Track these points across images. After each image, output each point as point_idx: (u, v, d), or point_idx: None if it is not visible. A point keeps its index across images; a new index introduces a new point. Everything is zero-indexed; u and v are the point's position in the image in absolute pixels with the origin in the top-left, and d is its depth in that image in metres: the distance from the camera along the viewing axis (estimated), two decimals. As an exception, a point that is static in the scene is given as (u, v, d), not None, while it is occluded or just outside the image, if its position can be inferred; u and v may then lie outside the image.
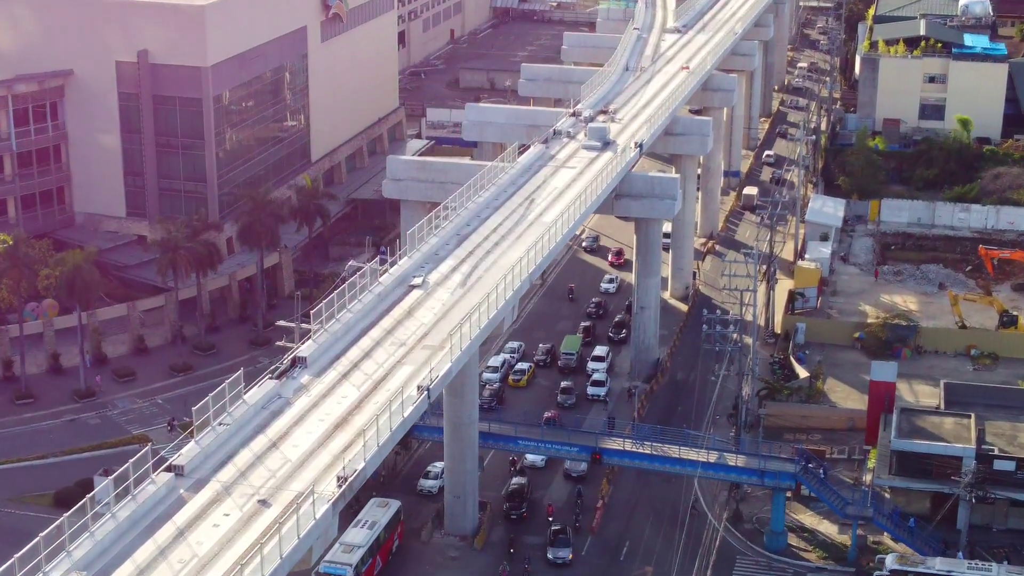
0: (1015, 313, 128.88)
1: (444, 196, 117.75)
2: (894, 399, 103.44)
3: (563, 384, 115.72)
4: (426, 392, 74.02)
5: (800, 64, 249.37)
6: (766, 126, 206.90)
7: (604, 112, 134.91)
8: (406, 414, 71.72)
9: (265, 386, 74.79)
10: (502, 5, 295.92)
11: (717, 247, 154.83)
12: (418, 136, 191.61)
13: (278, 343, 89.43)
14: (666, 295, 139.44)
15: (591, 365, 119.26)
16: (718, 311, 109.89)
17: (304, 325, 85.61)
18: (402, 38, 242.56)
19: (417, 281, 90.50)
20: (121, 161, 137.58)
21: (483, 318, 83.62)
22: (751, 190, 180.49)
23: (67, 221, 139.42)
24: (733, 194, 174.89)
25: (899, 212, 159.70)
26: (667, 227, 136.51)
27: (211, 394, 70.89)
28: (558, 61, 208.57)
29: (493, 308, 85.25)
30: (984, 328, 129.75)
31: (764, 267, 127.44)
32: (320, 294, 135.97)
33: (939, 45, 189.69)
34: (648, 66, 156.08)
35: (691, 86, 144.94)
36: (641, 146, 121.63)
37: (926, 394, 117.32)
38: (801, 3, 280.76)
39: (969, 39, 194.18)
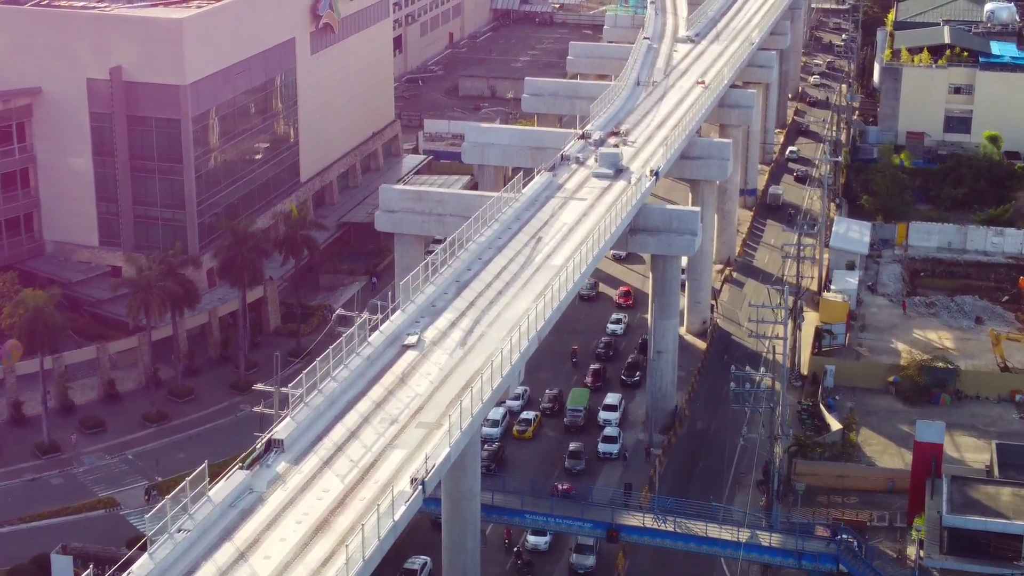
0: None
1: (442, 230, 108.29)
2: (941, 463, 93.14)
3: (571, 447, 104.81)
4: (420, 486, 63.79)
5: (816, 62, 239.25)
6: (781, 137, 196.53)
7: (615, 134, 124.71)
8: (397, 516, 61.52)
9: (234, 479, 64.50)
10: (502, 7, 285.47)
11: (735, 274, 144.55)
12: (415, 151, 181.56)
13: (254, 409, 79.63)
14: (682, 330, 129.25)
15: (603, 415, 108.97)
16: (746, 367, 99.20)
17: (284, 390, 75.55)
18: (398, 43, 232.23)
19: (411, 340, 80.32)
20: (93, 186, 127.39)
21: (486, 388, 73.39)
22: (776, 188, 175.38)
23: (36, 250, 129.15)
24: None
25: (928, 236, 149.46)
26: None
27: (168, 496, 60.62)
28: (562, 67, 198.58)
29: (497, 375, 75.06)
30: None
31: (790, 300, 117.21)
32: (308, 330, 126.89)
33: (964, 54, 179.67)
34: (661, 80, 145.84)
35: (708, 103, 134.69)
36: (657, 174, 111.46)
37: (970, 448, 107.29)
38: (813, 5, 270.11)
39: (996, 47, 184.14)
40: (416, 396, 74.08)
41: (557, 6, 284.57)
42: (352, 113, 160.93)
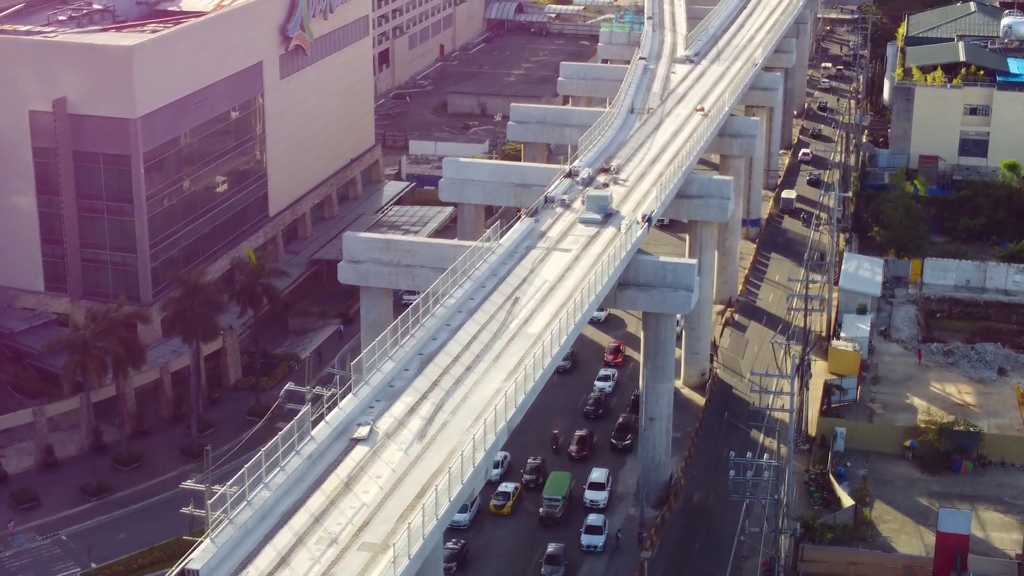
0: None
1: (411, 282, 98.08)
2: (967, 556, 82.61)
3: (549, 550, 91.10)
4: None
5: (825, 65, 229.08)
6: (787, 159, 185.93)
7: (605, 170, 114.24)
8: None
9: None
10: (497, 17, 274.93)
11: (736, 316, 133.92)
12: (397, 176, 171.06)
13: (182, 510, 69.28)
14: (679, 383, 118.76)
15: (588, 495, 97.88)
16: (746, 453, 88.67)
17: (216, 487, 65.05)
18: (385, 57, 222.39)
19: (361, 432, 69.85)
20: (38, 227, 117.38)
21: (442, 500, 62.88)
22: (789, 193, 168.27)
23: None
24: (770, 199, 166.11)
25: (945, 273, 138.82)
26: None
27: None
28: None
29: (458, 481, 64.57)
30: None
31: (794, 348, 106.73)
32: (270, 383, 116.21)
33: (980, 72, 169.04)
34: (657, 106, 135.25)
35: (708, 134, 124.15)
36: (650, 220, 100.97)
37: (996, 525, 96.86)
38: (819, 15, 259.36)
39: (1014, 65, 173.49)
40: (362, 507, 63.54)
41: (553, 16, 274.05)
42: (328, 139, 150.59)
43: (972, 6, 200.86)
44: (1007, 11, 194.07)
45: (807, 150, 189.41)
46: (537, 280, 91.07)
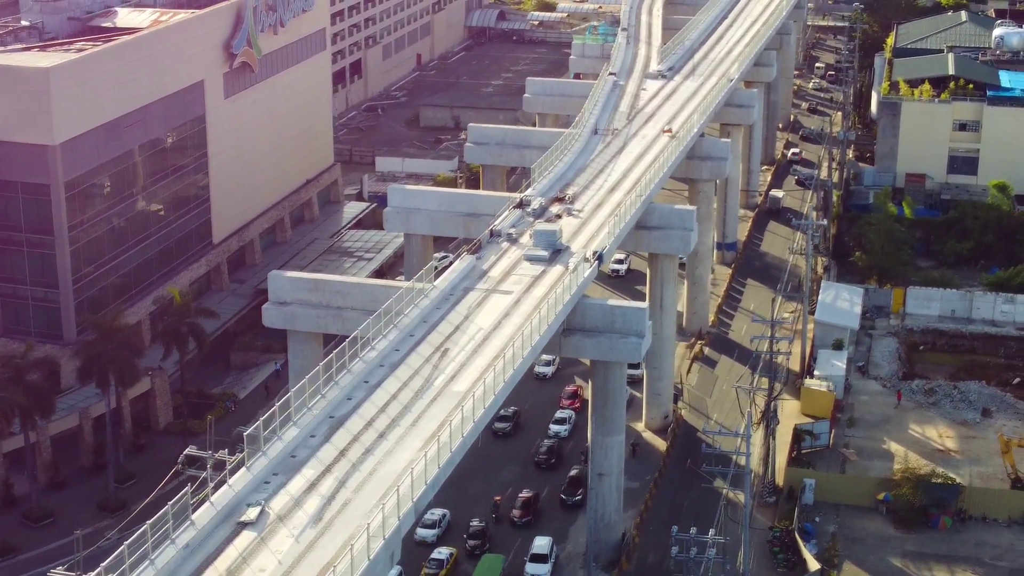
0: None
1: (341, 326, 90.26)
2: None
3: None
4: None
5: (810, 87, 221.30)
6: (768, 176, 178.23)
7: (559, 199, 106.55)
8: None
9: None
10: (478, 24, 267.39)
11: (707, 350, 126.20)
12: (359, 197, 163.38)
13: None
14: (640, 426, 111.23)
15: (529, 568, 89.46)
16: (692, 529, 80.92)
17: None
18: (357, 68, 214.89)
19: (250, 515, 62.21)
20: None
21: (331, 601, 55.28)
22: (777, 192, 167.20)
23: None
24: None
25: (928, 303, 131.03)
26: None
27: None
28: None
29: (355, 571, 56.93)
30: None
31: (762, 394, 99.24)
32: (202, 427, 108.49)
33: (970, 86, 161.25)
34: (623, 127, 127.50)
35: (673, 159, 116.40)
36: (600, 258, 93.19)
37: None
38: (809, 23, 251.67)
39: (1006, 78, 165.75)
40: (238, 611, 55.96)
41: (536, 23, 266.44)
42: (280, 160, 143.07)
43: (963, 16, 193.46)
44: (999, 21, 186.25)
45: (796, 149, 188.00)
46: (472, 328, 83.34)
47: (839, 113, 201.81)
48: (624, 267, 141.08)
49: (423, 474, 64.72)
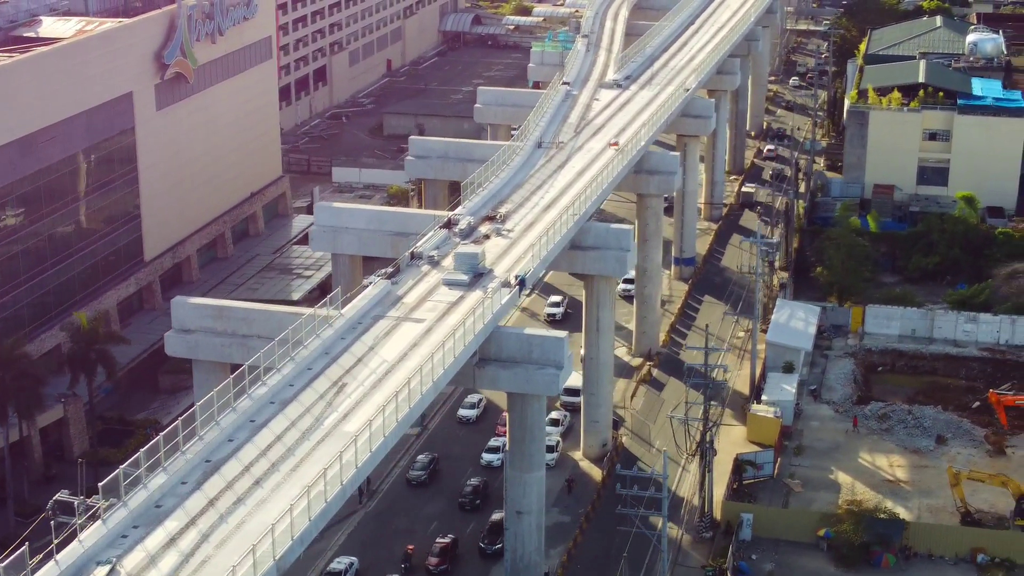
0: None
1: (246, 355, 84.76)
2: None
3: None
4: None
5: (785, 94, 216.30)
6: (737, 185, 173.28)
7: (490, 218, 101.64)
8: None
9: None
10: (452, 29, 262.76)
11: (655, 372, 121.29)
12: (309, 210, 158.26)
13: None
14: (577, 455, 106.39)
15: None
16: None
17: None
18: (322, 75, 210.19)
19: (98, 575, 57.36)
20: None
21: None
22: (751, 187, 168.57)
23: None
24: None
25: (888, 322, 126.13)
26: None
27: None
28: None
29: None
30: (996, 514, 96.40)
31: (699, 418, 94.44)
32: (119, 456, 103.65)
33: (940, 95, 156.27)
34: (569, 140, 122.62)
35: (615, 174, 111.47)
36: (523, 282, 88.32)
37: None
38: (787, 27, 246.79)
39: (978, 86, 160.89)
40: None
41: (512, 28, 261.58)
42: (221, 173, 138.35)
43: (938, 21, 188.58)
44: (973, 27, 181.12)
45: (771, 146, 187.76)
46: (375, 360, 78.45)
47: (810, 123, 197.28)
48: (560, 310, 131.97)
49: (290, 529, 59.85)
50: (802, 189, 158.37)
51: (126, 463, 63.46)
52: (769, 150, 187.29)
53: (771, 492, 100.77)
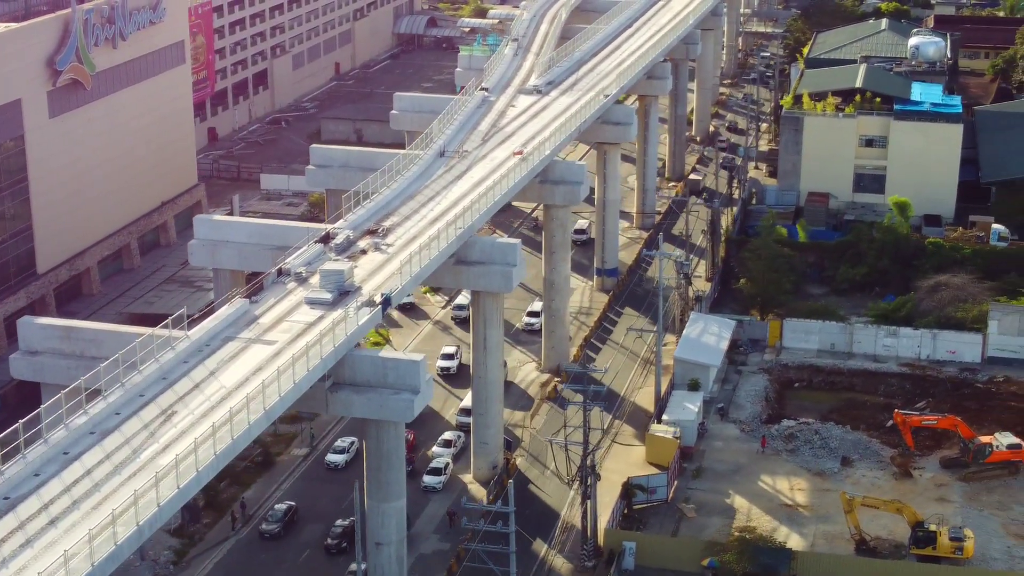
0: (933, 526, 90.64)
1: (95, 379, 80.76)
2: None
3: None
4: None
5: (737, 97, 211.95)
6: (676, 192, 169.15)
7: (372, 232, 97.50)
8: None
9: None
10: (407, 31, 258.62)
11: (562, 388, 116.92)
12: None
13: None
14: (468, 478, 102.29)
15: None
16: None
17: None
18: (263, 79, 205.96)
19: None
20: None
21: None
22: (696, 176, 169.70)
23: None
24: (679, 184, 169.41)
25: (807, 336, 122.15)
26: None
27: None
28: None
29: None
30: (894, 541, 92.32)
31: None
32: None
33: (878, 100, 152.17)
34: (475, 148, 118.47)
35: (513, 183, 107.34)
36: (387, 301, 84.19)
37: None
38: (742, 28, 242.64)
39: (917, 90, 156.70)
40: None
41: (467, 30, 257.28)
42: (127, 182, 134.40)
43: (884, 23, 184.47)
44: (915, 30, 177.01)
45: (723, 138, 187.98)
46: (213, 386, 74.32)
47: (764, 124, 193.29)
48: (455, 363, 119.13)
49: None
50: (737, 195, 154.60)
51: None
52: (720, 140, 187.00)
53: (663, 518, 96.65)
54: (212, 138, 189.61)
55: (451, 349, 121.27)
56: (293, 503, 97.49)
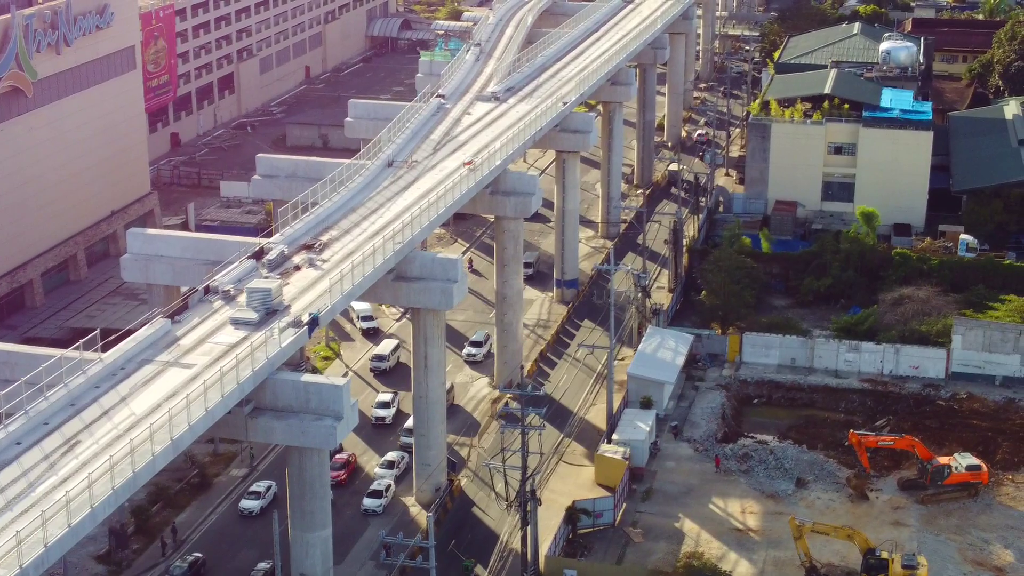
0: (885, 553, 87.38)
1: (4, 402, 77.45)
2: None
3: None
4: None
5: (709, 105, 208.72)
6: (642, 200, 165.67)
7: (308, 247, 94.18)
8: None
9: None
10: (380, 34, 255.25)
11: (514, 405, 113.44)
12: (184, 227, 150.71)
13: None
14: (409, 501, 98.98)
15: None
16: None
17: None
18: (230, 83, 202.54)
19: None
20: None
21: None
22: (675, 166, 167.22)
23: None
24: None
25: (767, 351, 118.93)
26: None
27: None
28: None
29: None
30: (847, 568, 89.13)
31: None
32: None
33: (846, 106, 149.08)
34: (425, 158, 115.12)
35: (460, 194, 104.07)
36: (315, 321, 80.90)
37: None
38: (718, 32, 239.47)
39: (888, 96, 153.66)
40: None
41: (441, 33, 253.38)
42: (73, 191, 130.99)
43: (856, 28, 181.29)
44: (886, 34, 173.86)
45: (702, 131, 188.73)
46: (122, 413, 70.97)
47: (737, 130, 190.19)
48: (391, 412, 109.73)
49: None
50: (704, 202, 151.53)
51: None
52: (700, 135, 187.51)
53: (609, 543, 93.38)
54: (175, 144, 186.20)
55: (387, 396, 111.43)
56: (200, 556, 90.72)
